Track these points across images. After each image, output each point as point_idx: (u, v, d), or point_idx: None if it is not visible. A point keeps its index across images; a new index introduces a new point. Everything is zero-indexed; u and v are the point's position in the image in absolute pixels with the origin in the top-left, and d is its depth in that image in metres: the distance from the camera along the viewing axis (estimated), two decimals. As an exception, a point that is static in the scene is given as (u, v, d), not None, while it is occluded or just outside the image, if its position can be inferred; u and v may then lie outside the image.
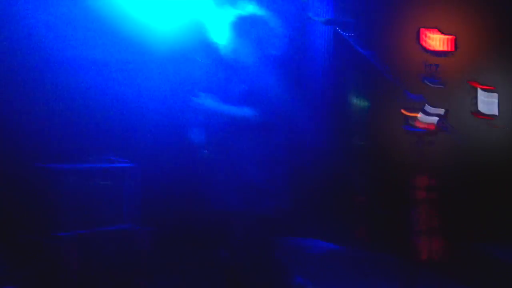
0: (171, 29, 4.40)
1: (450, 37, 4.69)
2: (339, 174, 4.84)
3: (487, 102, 4.77)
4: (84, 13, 4.07)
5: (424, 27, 4.66)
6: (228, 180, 2.92)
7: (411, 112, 3.61)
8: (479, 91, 4.75)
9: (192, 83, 4.70)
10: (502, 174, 4.61)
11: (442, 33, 4.70)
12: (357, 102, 4.94)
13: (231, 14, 3.10)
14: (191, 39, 4.44)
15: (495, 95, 4.75)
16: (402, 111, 3.70)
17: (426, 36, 4.69)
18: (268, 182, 2.93)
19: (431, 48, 4.70)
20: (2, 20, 3.78)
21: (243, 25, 3.07)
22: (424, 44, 4.68)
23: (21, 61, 3.88)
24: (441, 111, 3.40)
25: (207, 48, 3.16)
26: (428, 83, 4.66)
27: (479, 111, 4.75)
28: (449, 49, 4.69)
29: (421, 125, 3.44)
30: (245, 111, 2.89)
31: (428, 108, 3.33)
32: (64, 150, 3.90)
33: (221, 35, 3.09)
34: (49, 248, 3.42)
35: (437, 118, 3.19)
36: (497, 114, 4.75)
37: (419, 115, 3.26)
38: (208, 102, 2.94)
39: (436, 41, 4.71)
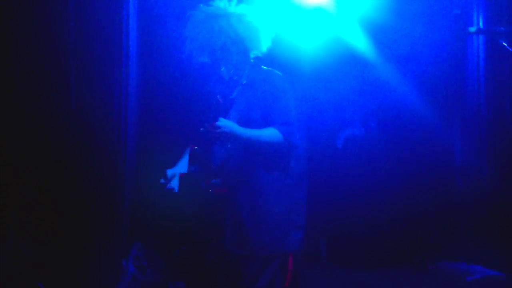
0: (314, 47, 4.47)
1: None
2: (498, 194, 4.50)
3: None
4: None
5: None
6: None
7: None
8: None
9: (337, 100, 4.74)
10: None
11: None
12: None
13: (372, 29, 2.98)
14: (333, 57, 4.39)
15: None
16: None
17: None
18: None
19: None
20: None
21: (385, 40, 2.90)
22: None
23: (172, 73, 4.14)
24: None
25: (349, 64, 3.02)
26: None
27: None
28: None
29: None
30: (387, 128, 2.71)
31: None
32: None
33: (363, 50, 2.96)
34: (206, 260, 3.63)
35: None
36: None
37: None
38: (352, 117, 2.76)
39: None
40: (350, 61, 4.54)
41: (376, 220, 4.76)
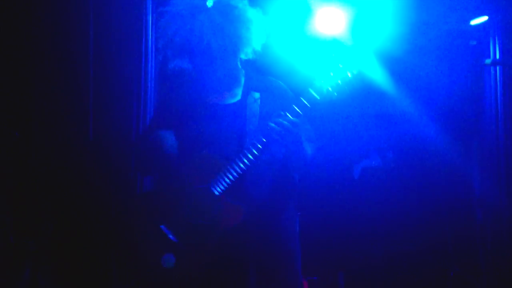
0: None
1: None
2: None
3: None
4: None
5: None
6: None
7: None
8: None
9: (354, 130, 4.74)
10: None
11: None
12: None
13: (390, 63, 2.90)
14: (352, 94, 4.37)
15: None
16: None
17: None
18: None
19: None
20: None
21: (401, 71, 2.81)
22: None
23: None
24: None
25: (365, 95, 2.96)
26: None
27: None
28: None
29: None
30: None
31: None
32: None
33: (379, 82, 2.90)
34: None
35: None
36: None
37: None
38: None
39: None
40: (366, 92, 4.55)
41: (395, 252, 4.69)
